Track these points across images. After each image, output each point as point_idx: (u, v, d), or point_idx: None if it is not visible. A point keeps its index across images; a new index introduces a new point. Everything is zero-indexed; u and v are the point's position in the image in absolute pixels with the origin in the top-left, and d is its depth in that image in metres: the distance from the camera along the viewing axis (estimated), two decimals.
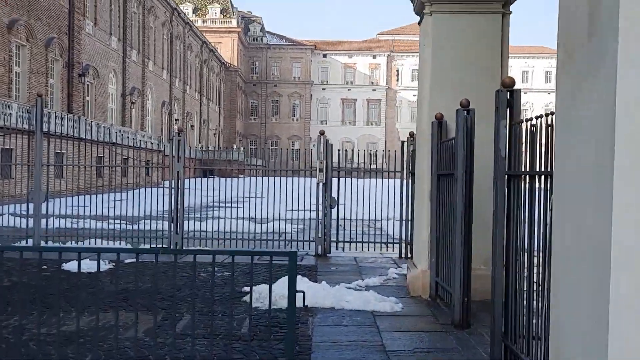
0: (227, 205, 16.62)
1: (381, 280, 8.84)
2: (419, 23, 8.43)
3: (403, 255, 11.33)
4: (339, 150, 12.26)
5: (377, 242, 11.80)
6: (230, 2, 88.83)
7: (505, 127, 4.79)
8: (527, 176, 4.40)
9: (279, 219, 13.64)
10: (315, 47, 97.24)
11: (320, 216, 11.35)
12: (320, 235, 11.34)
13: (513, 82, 6.00)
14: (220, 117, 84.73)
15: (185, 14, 67.11)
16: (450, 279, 6.95)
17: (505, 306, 4.80)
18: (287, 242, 11.88)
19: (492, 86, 7.63)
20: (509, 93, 4.85)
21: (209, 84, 78.55)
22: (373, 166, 11.82)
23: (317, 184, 11.31)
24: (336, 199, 11.38)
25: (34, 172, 11.52)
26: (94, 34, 39.50)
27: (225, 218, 12.78)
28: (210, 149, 63.46)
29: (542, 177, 4.02)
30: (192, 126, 69.08)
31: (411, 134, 11.45)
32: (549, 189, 3.90)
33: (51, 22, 31.81)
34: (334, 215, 11.55)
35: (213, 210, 20.10)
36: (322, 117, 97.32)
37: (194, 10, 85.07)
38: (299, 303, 7.50)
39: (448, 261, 7.15)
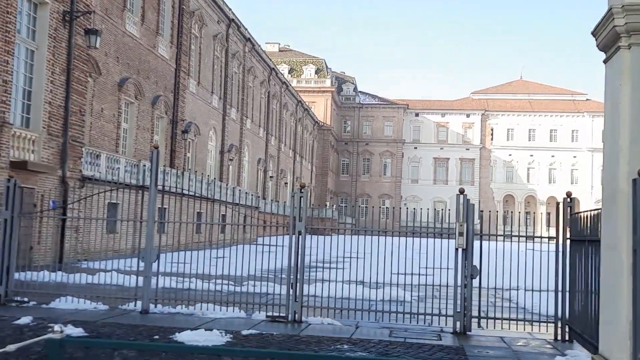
0: (329, 266, 15.38)
1: None
2: (605, 60, 7.00)
3: (559, 338, 9.55)
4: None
5: (533, 321, 10.05)
6: (325, 63, 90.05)
7: None
8: None
9: (391, 284, 12.23)
10: (408, 106, 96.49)
11: (458, 286, 9.81)
12: (459, 309, 9.78)
13: None
14: (312, 175, 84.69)
15: (282, 74, 68.23)
16: None
17: None
18: (418, 316, 10.35)
19: None
20: None
21: (302, 142, 79.00)
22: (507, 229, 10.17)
23: (456, 249, 9.83)
24: (478, 267, 9.83)
25: (147, 228, 10.70)
26: (197, 92, 40.19)
27: (333, 281, 11.45)
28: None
29: None
30: (286, 183, 69.14)
31: (568, 194, 9.86)
32: None
33: (158, 80, 32.44)
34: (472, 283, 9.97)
35: (316, 271, 18.89)
36: (414, 176, 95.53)
37: (290, 71, 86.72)
38: None
39: None
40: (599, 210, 8.17)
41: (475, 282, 9.85)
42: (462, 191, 10.02)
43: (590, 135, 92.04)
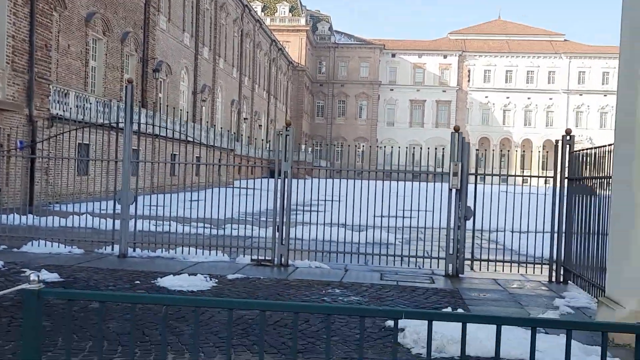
0: (309, 209, 14.94)
1: (556, 316, 6.88)
2: None
3: (554, 279, 9.31)
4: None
5: (527, 263, 9.75)
6: (299, 1, 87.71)
7: None
8: None
9: (374, 227, 11.91)
10: (384, 47, 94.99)
11: (451, 228, 9.45)
12: (452, 252, 9.44)
13: None
14: (287, 117, 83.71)
15: (255, 12, 66.25)
16: None
17: None
18: (409, 259, 10.00)
19: None
20: None
21: (276, 84, 77.60)
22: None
23: (450, 190, 9.41)
24: (472, 209, 9.45)
25: (123, 168, 10.07)
26: (167, 29, 38.69)
27: (316, 224, 11.01)
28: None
29: None
30: (260, 125, 68.18)
31: (568, 132, 9.44)
32: None
33: (127, 16, 31.00)
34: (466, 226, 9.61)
35: (296, 215, 18.41)
36: (390, 119, 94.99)
37: (263, 9, 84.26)
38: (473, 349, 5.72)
39: None
40: (604, 147, 7.77)
41: (469, 224, 9.50)
42: (457, 129, 9.54)
43: (566, 77, 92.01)
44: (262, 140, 63.01)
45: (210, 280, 8.10)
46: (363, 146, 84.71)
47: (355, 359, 5.08)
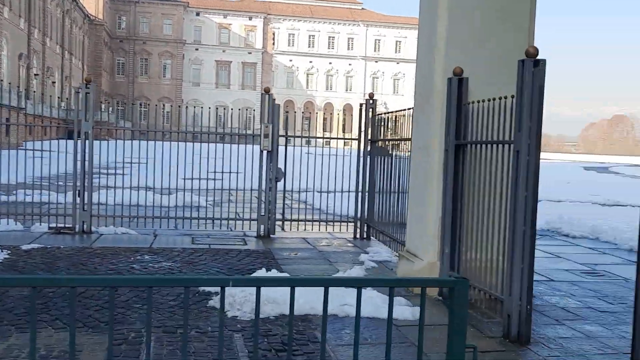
0: (114, 172, 14.13)
1: (362, 270, 7.27)
2: None
3: (358, 236, 9.84)
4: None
5: (335, 222, 10.15)
6: None
7: None
8: None
9: (184, 190, 11.66)
10: (188, 4, 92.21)
11: (263, 190, 9.52)
12: (263, 213, 9.53)
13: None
14: (84, 75, 78.13)
15: None
16: (488, 278, 5.54)
17: None
18: (221, 222, 9.92)
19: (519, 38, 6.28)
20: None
21: (71, 38, 71.88)
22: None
23: (261, 152, 9.45)
24: (283, 170, 9.59)
25: None
26: None
27: (120, 188, 10.47)
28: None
29: None
30: (54, 82, 62.92)
31: (370, 96, 9.90)
32: None
33: None
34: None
35: (99, 178, 17.29)
36: (195, 79, 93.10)
37: None
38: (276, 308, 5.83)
39: (479, 252, 5.72)
40: (403, 111, 8.28)
41: (279, 185, 9.64)
42: (267, 91, 9.54)
43: (364, 44, 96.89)
44: (58, 98, 58.24)
45: (2, 252, 7.34)
46: (171, 107, 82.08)
47: (172, 326, 4.92)
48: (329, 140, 10.23)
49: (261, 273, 6.31)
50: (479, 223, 5.71)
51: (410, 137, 7.51)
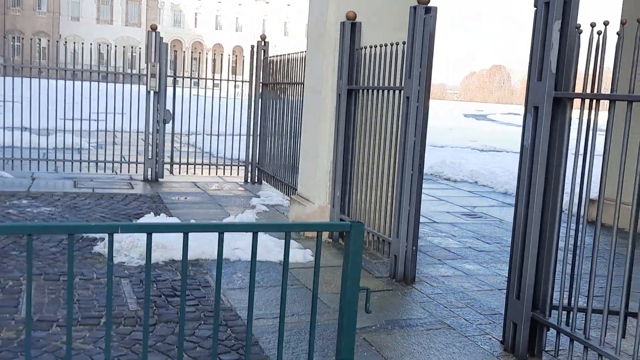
0: None
1: (254, 214, 7.27)
2: None
3: (249, 180, 9.79)
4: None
5: (225, 165, 9.98)
6: None
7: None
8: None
9: (64, 130, 11.04)
10: None
11: (150, 132, 9.18)
12: (150, 156, 9.22)
13: None
14: None
15: None
16: (376, 221, 5.70)
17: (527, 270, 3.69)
18: (105, 165, 9.50)
19: None
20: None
21: None
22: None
23: (148, 92, 9.06)
24: (171, 111, 9.28)
25: None
26: None
27: None
28: None
29: None
30: None
31: (262, 38, 9.70)
32: None
33: None
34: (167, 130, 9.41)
35: None
36: (74, 13, 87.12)
37: None
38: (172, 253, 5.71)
39: (368, 196, 5.87)
40: (296, 54, 8.20)
41: (167, 128, 9.33)
42: (154, 28, 9.11)
43: None
44: None
45: None
46: (48, 42, 76.59)
47: (54, 274, 4.69)
48: (218, 82, 9.97)
49: (149, 218, 6.14)
50: (369, 167, 5.84)
51: (302, 81, 7.47)
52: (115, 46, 9.61)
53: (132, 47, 11.35)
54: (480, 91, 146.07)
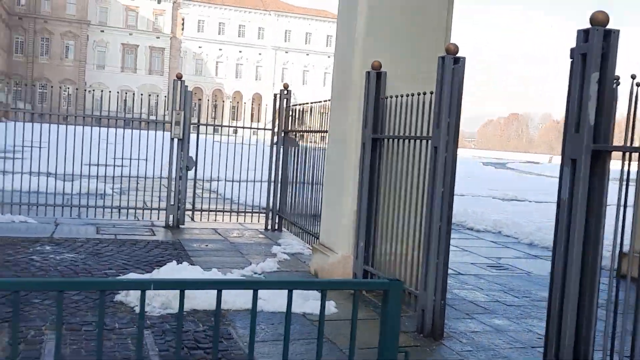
0: (13, 157, 13.20)
1: (275, 263, 7.16)
2: None
3: (270, 227, 9.71)
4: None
5: (246, 212, 9.94)
6: None
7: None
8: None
9: (89, 176, 11.11)
10: None
11: (173, 179, 9.19)
12: (173, 202, 9.21)
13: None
14: None
15: None
16: (402, 273, 5.57)
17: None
18: (128, 211, 9.49)
19: (436, 37, 6.36)
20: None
21: None
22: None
23: (172, 139, 9.11)
24: (194, 159, 9.30)
25: None
26: None
27: (17, 173, 9.77)
28: None
29: None
30: None
31: (285, 86, 9.78)
32: None
33: None
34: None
35: None
36: (100, 62, 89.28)
37: None
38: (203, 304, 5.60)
39: (394, 247, 5.75)
40: (319, 103, 8.22)
41: (189, 174, 9.33)
42: (179, 77, 9.21)
43: (274, 34, 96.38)
44: None
45: None
46: (70, 89, 78.31)
47: (76, 323, 4.60)
48: (236, 129, 10.01)
49: (171, 266, 6.06)
50: (395, 217, 5.74)
51: (325, 129, 7.46)
52: (141, 95, 9.72)
53: (156, 95, 11.39)
54: (498, 139, 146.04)
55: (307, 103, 8.74)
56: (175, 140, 9.06)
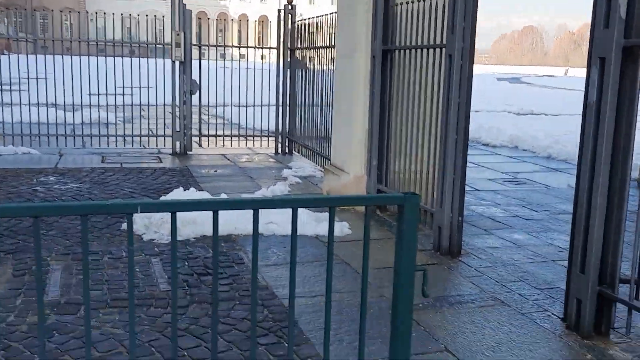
0: (19, 88, 12.87)
1: (286, 186, 6.98)
2: None
3: (280, 151, 9.50)
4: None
5: (255, 136, 9.68)
6: None
7: None
8: None
9: (90, 105, 10.91)
10: None
11: (177, 104, 8.91)
12: (178, 129, 8.97)
13: None
14: None
15: None
16: (417, 190, 5.35)
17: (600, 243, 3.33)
18: (133, 139, 9.28)
19: None
20: None
21: None
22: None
23: (173, 62, 8.77)
24: (198, 82, 8.98)
25: None
26: None
27: (18, 105, 9.50)
28: None
29: None
30: None
31: (289, 1, 9.31)
32: None
33: None
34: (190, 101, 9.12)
35: None
36: None
37: None
38: (201, 229, 5.44)
39: (408, 164, 5.52)
40: (326, 16, 7.80)
41: (194, 99, 9.03)
42: None
43: None
44: None
45: None
46: (70, 17, 76.71)
47: (80, 253, 4.47)
48: (245, 53, 9.61)
49: (178, 192, 5.89)
50: (408, 133, 5.47)
51: (334, 44, 7.09)
52: (146, 16, 9.32)
53: (157, 19, 10.96)
54: (512, 53, 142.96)
55: (313, 17, 8.31)
56: (177, 63, 8.72)
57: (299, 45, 8.92)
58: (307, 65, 8.53)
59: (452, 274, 4.38)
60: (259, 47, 9.66)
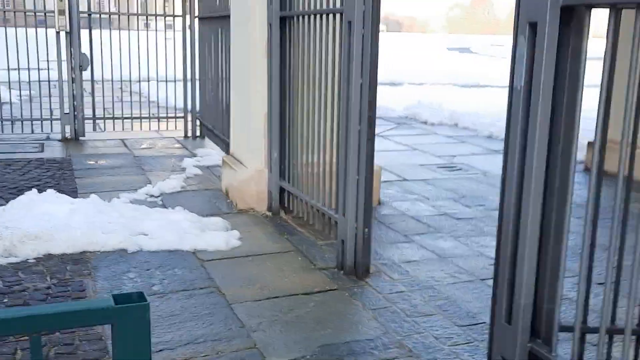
0: None
1: (180, 181, 5.89)
2: None
3: (190, 134, 8.37)
4: None
5: (160, 118, 8.45)
6: None
7: None
8: None
9: None
10: None
11: (64, 82, 7.66)
12: (67, 111, 7.73)
13: None
14: None
15: None
16: (322, 190, 4.34)
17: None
18: (22, 123, 7.99)
19: None
20: None
21: None
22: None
23: (57, 33, 7.49)
24: (88, 56, 7.73)
25: None
26: None
27: None
28: None
29: None
30: None
31: None
32: None
33: None
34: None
35: None
36: None
37: None
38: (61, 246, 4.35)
39: (311, 157, 4.50)
40: None
41: (86, 75, 7.79)
42: None
43: None
44: None
45: None
46: None
47: None
48: (145, 21, 8.37)
49: (30, 195, 4.73)
50: (311, 120, 4.44)
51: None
52: None
53: None
54: (466, 22, 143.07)
55: None
56: (62, 34, 7.45)
57: (208, 12, 7.73)
58: (214, 34, 7.37)
59: (352, 306, 3.41)
60: (160, 15, 8.41)
